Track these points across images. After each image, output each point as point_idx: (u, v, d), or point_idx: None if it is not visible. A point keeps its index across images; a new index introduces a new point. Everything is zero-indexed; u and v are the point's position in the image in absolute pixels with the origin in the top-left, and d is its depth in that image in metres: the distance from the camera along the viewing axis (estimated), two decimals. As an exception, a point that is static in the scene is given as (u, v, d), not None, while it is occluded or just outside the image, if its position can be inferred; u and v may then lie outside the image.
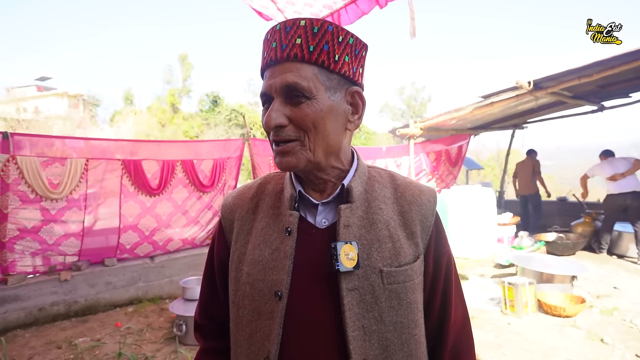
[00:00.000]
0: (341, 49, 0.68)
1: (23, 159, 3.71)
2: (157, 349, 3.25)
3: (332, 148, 0.72)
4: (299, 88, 0.66)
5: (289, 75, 0.66)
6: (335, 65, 0.68)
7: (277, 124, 0.67)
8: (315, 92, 0.67)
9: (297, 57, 0.66)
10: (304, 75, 0.66)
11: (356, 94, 0.73)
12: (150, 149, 4.60)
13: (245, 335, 0.73)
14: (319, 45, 0.66)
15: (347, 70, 0.70)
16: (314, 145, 0.69)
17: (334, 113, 0.69)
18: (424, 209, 0.77)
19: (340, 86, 0.70)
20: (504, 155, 9.08)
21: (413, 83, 32.72)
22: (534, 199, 6.96)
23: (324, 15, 3.40)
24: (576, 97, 5.59)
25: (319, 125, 0.68)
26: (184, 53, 26.99)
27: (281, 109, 0.68)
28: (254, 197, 0.81)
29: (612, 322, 3.40)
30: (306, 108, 0.67)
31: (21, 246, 3.84)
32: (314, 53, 0.66)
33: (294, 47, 0.66)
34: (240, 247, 0.77)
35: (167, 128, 22.98)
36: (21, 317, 3.76)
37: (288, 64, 0.67)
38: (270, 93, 0.69)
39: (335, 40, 0.67)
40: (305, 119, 0.67)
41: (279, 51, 0.67)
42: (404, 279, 0.71)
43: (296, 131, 0.68)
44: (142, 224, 4.54)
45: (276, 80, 0.67)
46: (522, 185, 7.04)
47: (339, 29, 0.68)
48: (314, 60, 0.67)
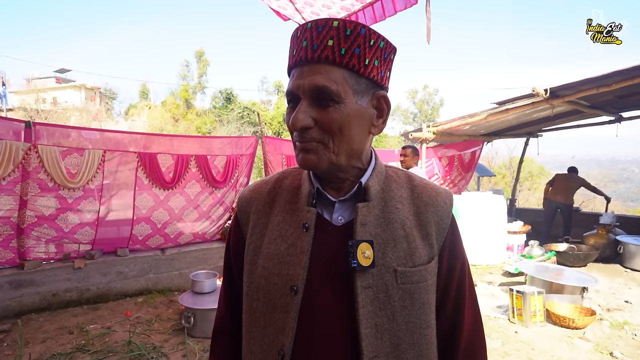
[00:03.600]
0: (372, 53, 0.67)
1: (44, 148, 3.82)
2: (165, 340, 3.31)
3: (355, 152, 0.72)
4: (327, 91, 0.65)
5: (319, 78, 0.65)
6: (365, 69, 0.67)
7: (303, 126, 0.67)
8: (344, 96, 0.66)
9: (328, 59, 0.65)
10: (334, 78, 0.66)
11: (382, 98, 0.73)
12: (163, 143, 4.68)
13: (259, 327, 0.74)
14: (350, 48, 0.66)
15: (376, 74, 0.69)
16: (338, 149, 0.69)
17: (359, 117, 0.69)
18: (440, 210, 0.78)
19: (368, 90, 0.70)
20: (517, 163, 8.97)
21: (425, 87, 32.52)
22: (567, 209, 6.77)
23: (342, 16, 3.42)
24: (593, 107, 5.52)
25: (344, 129, 0.68)
26: (200, 49, 27.24)
27: (308, 110, 0.67)
28: (271, 191, 0.82)
29: (623, 337, 3.35)
30: (334, 112, 0.67)
31: (38, 232, 3.95)
32: (345, 56, 0.66)
33: (326, 48, 0.65)
34: (256, 240, 0.78)
35: (181, 123, 23.26)
36: (36, 301, 3.86)
37: (318, 65, 0.66)
38: (297, 93, 0.68)
39: (367, 43, 0.67)
40: (332, 123, 0.67)
41: (310, 51, 0.66)
42: (417, 280, 0.72)
43: (321, 134, 0.68)
44: (154, 217, 4.62)
45: (305, 80, 0.67)
46: (558, 193, 6.75)
47: (371, 32, 0.67)
48: (344, 64, 0.66)
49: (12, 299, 3.75)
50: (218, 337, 0.90)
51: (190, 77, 27.52)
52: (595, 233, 5.97)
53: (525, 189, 17.20)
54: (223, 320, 0.89)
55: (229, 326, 0.88)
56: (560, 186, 6.79)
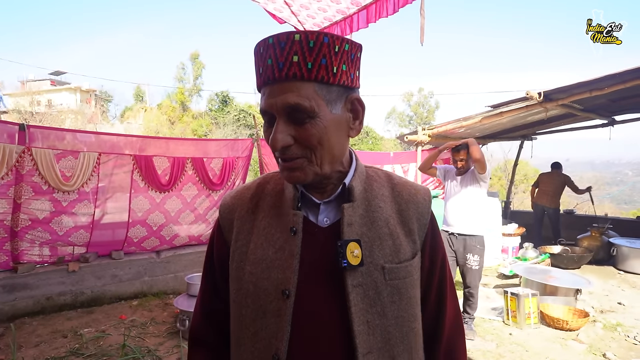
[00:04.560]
0: (338, 60, 0.67)
1: (38, 150, 3.80)
2: (160, 343, 3.30)
3: (337, 158, 0.74)
4: (301, 109, 0.66)
5: (290, 96, 0.65)
6: (334, 78, 0.67)
7: (283, 145, 0.67)
8: (318, 109, 0.67)
9: (296, 76, 0.65)
10: (305, 94, 0.65)
11: (355, 100, 0.73)
12: (159, 146, 4.67)
13: (249, 334, 0.74)
14: (317, 60, 0.65)
15: (345, 79, 0.69)
16: (321, 161, 0.70)
17: (336, 125, 0.70)
18: (421, 207, 0.81)
19: (340, 96, 0.70)
20: (512, 165, 9.03)
21: (420, 90, 32.66)
22: (554, 213, 6.83)
23: (337, 20, 3.45)
24: (587, 110, 5.57)
25: (324, 141, 0.69)
26: (195, 51, 27.20)
27: (286, 129, 0.67)
28: (254, 196, 0.82)
29: (616, 338, 3.38)
30: (311, 128, 0.67)
31: (32, 236, 3.92)
32: (313, 70, 0.65)
33: (292, 65, 0.65)
34: (241, 246, 0.78)
35: (177, 126, 23.20)
36: (29, 305, 3.83)
37: (287, 83, 0.65)
38: (271, 112, 0.68)
39: (332, 51, 0.66)
40: (310, 138, 0.67)
41: (276, 70, 0.65)
42: (404, 275, 0.74)
43: (302, 149, 0.69)
44: (150, 219, 4.61)
45: (277, 99, 0.66)
46: (544, 196, 6.83)
47: (334, 39, 0.66)
48: (313, 78, 0.65)
49: (5, 303, 3.72)
50: (195, 346, 0.89)
51: (187, 80, 27.49)
52: (589, 235, 6.02)
53: (520, 191, 17.29)
54: (200, 329, 0.89)
55: (205, 335, 0.88)
56: (545, 188, 6.85)
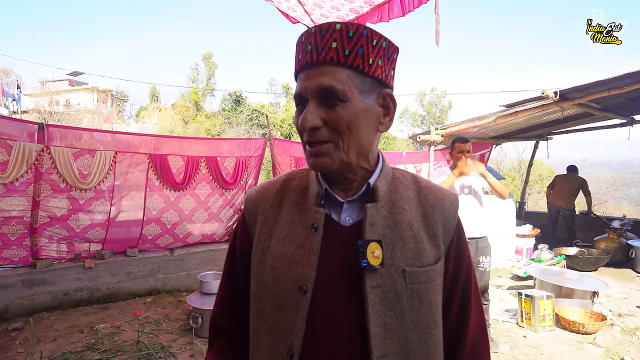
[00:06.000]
0: (375, 52, 0.70)
1: (56, 149, 3.89)
2: (173, 339, 3.35)
3: (364, 149, 0.74)
4: (334, 91, 0.67)
5: (325, 79, 0.68)
6: (369, 68, 0.69)
7: (312, 126, 0.69)
8: (350, 95, 0.68)
9: (332, 60, 0.68)
10: (339, 78, 0.68)
11: (388, 96, 0.74)
12: (173, 145, 4.73)
13: (267, 327, 0.75)
14: (354, 48, 0.68)
15: (380, 73, 0.71)
16: (348, 147, 0.71)
17: (367, 115, 0.71)
18: (447, 212, 0.79)
19: (373, 89, 0.72)
20: (526, 165, 8.87)
21: (433, 89, 32.39)
22: (569, 214, 6.72)
23: (350, 19, 3.45)
24: (605, 109, 5.43)
25: (352, 127, 0.70)
26: (208, 52, 27.49)
27: (316, 111, 0.69)
28: (279, 192, 0.82)
29: (634, 342, 3.30)
30: (341, 111, 0.68)
31: (50, 232, 4.02)
32: (350, 57, 0.68)
33: (330, 50, 0.68)
34: (264, 240, 0.78)
35: (190, 125, 23.49)
36: (47, 300, 3.93)
37: (324, 67, 0.68)
38: (305, 95, 0.70)
39: (370, 43, 0.69)
40: (340, 121, 0.69)
41: (315, 54, 0.69)
42: (425, 280, 0.73)
43: (330, 133, 0.70)
44: (165, 218, 4.67)
45: (311, 82, 0.69)
46: (559, 197, 6.74)
47: (373, 33, 0.69)
48: (349, 64, 0.68)
49: (25, 298, 3.83)
50: (215, 334, 0.91)
51: (200, 80, 27.80)
52: (606, 237, 5.88)
53: (535, 192, 16.96)
54: (220, 319, 0.90)
55: (225, 325, 0.89)
56: (560, 189, 6.76)
